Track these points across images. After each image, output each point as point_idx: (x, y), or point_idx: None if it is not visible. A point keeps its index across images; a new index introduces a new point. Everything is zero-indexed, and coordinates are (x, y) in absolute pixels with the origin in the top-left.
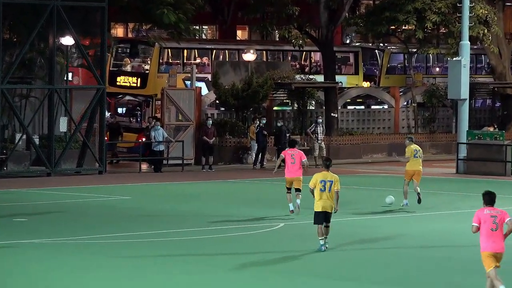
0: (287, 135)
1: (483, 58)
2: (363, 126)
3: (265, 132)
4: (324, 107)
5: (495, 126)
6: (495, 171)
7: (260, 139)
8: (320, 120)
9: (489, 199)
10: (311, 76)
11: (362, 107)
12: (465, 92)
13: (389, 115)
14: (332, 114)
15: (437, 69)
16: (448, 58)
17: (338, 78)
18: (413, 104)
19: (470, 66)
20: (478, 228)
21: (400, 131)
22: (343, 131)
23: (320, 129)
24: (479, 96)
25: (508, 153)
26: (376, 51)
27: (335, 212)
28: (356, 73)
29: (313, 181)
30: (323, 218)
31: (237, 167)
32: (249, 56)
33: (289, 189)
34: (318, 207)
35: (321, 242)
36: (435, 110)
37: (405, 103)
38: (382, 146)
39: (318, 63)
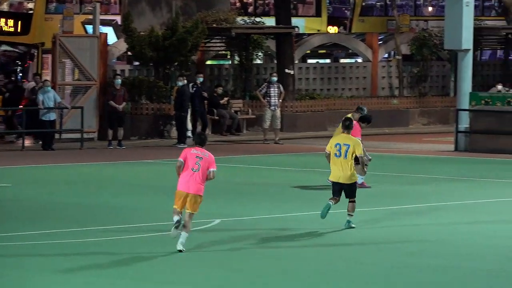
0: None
1: None
2: (328, 87)
3: (205, 94)
4: (275, 61)
5: (508, 86)
6: (508, 148)
7: (197, 104)
8: (275, 79)
9: (199, 139)
10: (257, 19)
11: (328, 60)
12: (467, 41)
13: (364, 72)
14: (286, 70)
15: (430, 9)
16: None
17: (293, 21)
18: (397, 57)
19: (474, 5)
20: (182, 164)
21: (379, 93)
22: (301, 93)
23: (274, 91)
24: (486, 45)
25: None
26: None
27: (363, 171)
28: (318, 14)
29: (329, 144)
30: (338, 190)
31: (157, 143)
32: None
33: None
34: (332, 176)
35: (330, 202)
36: (427, 65)
37: (386, 56)
38: None
39: (267, 1)
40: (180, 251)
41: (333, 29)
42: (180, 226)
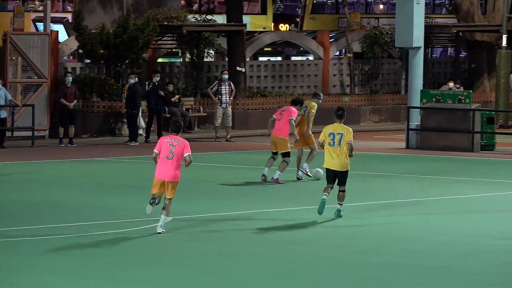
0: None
1: None
2: (280, 85)
3: (161, 93)
4: (227, 59)
5: (459, 84)
6: (459, 145)
7: (153, 102)
8: (226, 77)
9: (174, 127)
10: (209, 17)
11: (279, 58)
12: (419, 38)
13: (315, 70)
14: (238, 68)
15: (381, 6)
16: None
17: None
18: (348, 55)
19: (425, 3)
20: (157, 155)
21: (330, 91)
22: (253, 91)
23: (226, 89)
24: (437, 43)
25: (477, 120)
26: None
27: (350, 156)
28: (264, 12)
29: (322, 134)
30: (332, 176)
31: (108, 141)
32: None
33: None
34: (326, 164)
35: (323, 197)
36: (378, 62)
37: (338, 53)
38: None
39: None
40: (160, 233)
41: (284, 27)
42: (154, 203)
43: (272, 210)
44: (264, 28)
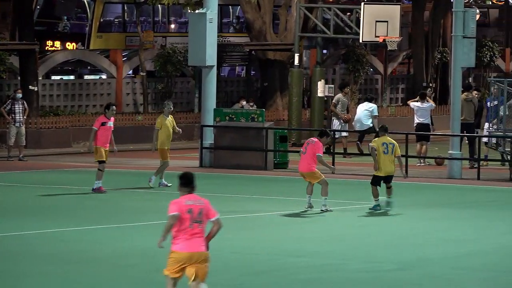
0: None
1: (230, 10)
2: (72, 104)
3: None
4: (19, 78)
5: (252, 102)
6: (252, 164)
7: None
8: (20, 96)
9: (322, 133)
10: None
11: (72, 77)
12: (212, 57)
13: (108, 88)
14: (30, 87)
15: (173, 25)
16: (188, 10)
17: None
18: (142, 74)
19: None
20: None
21: (124, 109)
22: (45, 110)
23: (19, 108)
24: (230, 62)
25: (270, 139)
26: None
27: (405, 178)
28: None
29: (375, 143)
30: (379, 182)
31: None
32: None
33: None
34: (380, 172)
35: (376, 202)
36: (171, 81)
37: (131, 72)
38: None
39: None
40: (324, 211)
41: (71, 46)
42: (310, 206)
43: (72, 229)
44: None
